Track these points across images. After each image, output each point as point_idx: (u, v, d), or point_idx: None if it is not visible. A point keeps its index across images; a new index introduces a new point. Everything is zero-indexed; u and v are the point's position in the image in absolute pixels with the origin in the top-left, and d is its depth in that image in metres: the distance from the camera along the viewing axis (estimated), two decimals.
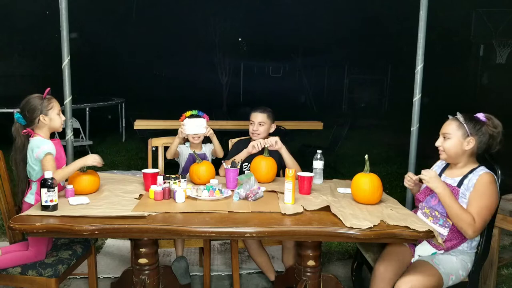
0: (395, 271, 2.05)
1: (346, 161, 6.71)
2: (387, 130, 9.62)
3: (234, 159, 2.51)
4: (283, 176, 2.70)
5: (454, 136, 2.07)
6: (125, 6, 14.22)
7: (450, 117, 2.17)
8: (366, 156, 2.21)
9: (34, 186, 2.27)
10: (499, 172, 2.09)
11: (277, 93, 15.36)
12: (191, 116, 2.84)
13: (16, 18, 11.91)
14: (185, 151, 2.96)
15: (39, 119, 2.26)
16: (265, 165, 2.58)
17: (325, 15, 12.81)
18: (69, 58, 3.18)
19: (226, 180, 2.44)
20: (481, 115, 2.09)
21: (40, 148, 2.20)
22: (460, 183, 2.08)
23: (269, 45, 15.48)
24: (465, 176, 2.08)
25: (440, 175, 2.21)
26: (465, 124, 2.05)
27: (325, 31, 13.46)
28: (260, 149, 2.74)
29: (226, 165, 2.50)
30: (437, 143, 2.14)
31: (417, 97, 3.28)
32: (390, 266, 2.05)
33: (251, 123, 2.89)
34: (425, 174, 2.05)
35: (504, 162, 2.17)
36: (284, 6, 12.92)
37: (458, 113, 2.10)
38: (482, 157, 2.13)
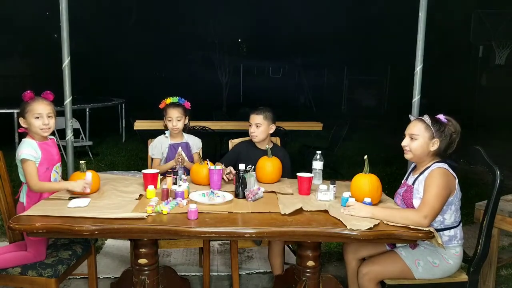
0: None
1: (345, 162, 6.72)
2: (387, 131, 9.63)
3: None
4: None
5: (421, 137, 2.12)
6: (125, 6, 14.24)
7: (412, 117, 2.26)
8: (365, 157, 2.22)
9: (25, 187, 2.27)
10: (498, 172, 2.09)
11: (277, 93, 15.38)
12: (172, 104, 2.87)
13: (16, 18, 11.92)
14: (164, 143, 2.94)
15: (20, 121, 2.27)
16: (271, 165, 2.60)
17: (324, 16, 12.83)
18: (69, 58, 3.18)
19: (210, 181, 2.46)
20: (442, 117, 2.14)
21: (19, 151, 2.20)
22: (415, 180, 2.17)
23: (269, 45, 15.50)
24: (421, 173, 2.16)
25: (408, 175, 2.31)
26: (432, 127, 2.11)
27: (325, 32, 13.48)
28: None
29: (218, 166, 2.50)
30: (404, 143, 2.19)
31: (416, 98, 3.29)
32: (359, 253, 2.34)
33: (250, 125, 2.89)
34: (352, 212, 2.02)
35: (503, 163, 2.18)
36: (284, 7, 12.94)
37: (425, 116, 2.15)
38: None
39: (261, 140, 2.87)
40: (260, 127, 2.84)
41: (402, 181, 2.33)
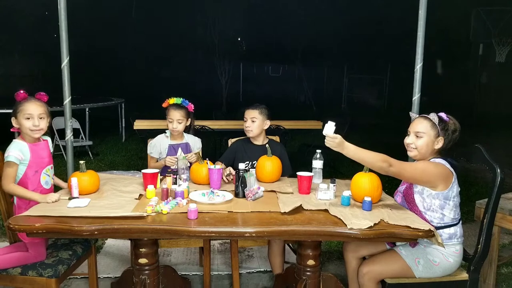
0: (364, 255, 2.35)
1: (345, 161, 6.68)
2: (387, 129, 9.62)
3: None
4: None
5: (427, 135, 2.12)
6: (124, 6, 14.23)
7: (412, 115, 2.26)
8: None
9: None
10: (498, 170, 2.09)
11: (277, 93, 15.40)
12: (175, 105, 2.87)
13: (16, 18, 11.92)
14: (164, 142, 2.93)
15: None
16: (270, 165, 2.60)
17: (324, 15, 12.82)
18: (68, 58, 3.18)
19: (210, 180, 2.45)
20: (444, 115, 2.14)
21: (7, 152, 2.18)
22: None
23: (268, 45, 15.51)
24: None
25: None
26: (438, 125, 2.10)
27: (325, 31, 13.47)
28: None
29: (218, 165, 2.49)
30: (408, 141, 2.17)
31: (416, 96, 3.28)
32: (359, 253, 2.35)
33: (245, 120, 2.89)
34: (330, 143, 2.04)
35: (503, 161, 2.18)
36: (283, 7, 12.93)
37: (432, 113, 2.14)
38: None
39: (255, 135, 2.88)
40: (255, 121, 2.85)
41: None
